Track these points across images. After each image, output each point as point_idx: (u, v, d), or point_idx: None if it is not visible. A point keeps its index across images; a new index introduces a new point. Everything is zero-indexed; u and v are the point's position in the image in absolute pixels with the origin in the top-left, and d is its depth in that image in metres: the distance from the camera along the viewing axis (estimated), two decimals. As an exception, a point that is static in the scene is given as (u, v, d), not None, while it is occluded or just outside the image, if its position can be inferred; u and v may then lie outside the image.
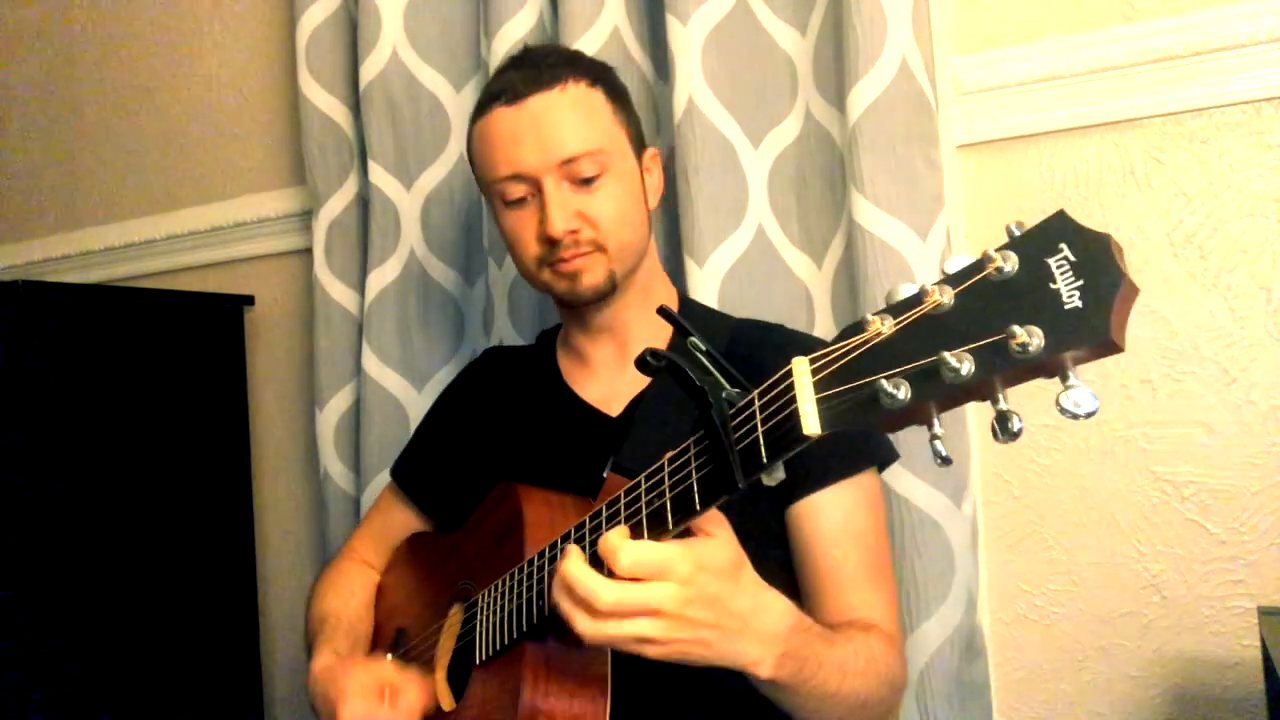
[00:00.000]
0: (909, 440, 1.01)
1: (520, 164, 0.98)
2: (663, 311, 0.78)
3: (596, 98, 1.01)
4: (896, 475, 1.16)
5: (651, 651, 0.71)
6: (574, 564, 0.72)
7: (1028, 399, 0.62)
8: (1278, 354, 1.14)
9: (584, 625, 0.71)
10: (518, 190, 1.00)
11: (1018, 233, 0.52)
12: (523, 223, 1.01)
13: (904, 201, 1.17)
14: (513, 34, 1.38)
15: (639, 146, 1.06)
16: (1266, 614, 0.99)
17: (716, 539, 0.72)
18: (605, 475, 0.92)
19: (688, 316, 1.06)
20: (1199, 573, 1.16)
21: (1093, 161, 1.21)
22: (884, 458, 1.02)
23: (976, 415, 1.23)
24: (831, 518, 0.95)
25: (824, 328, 1.27)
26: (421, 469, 1.21)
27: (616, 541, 0.70)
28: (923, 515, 1.17)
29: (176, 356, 1.67)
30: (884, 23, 1.15)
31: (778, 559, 0.97)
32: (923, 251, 1.16)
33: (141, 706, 1.55)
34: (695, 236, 1.25)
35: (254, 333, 1.83)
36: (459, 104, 1.53)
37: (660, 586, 0.69)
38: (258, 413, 1.83)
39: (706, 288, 1.24)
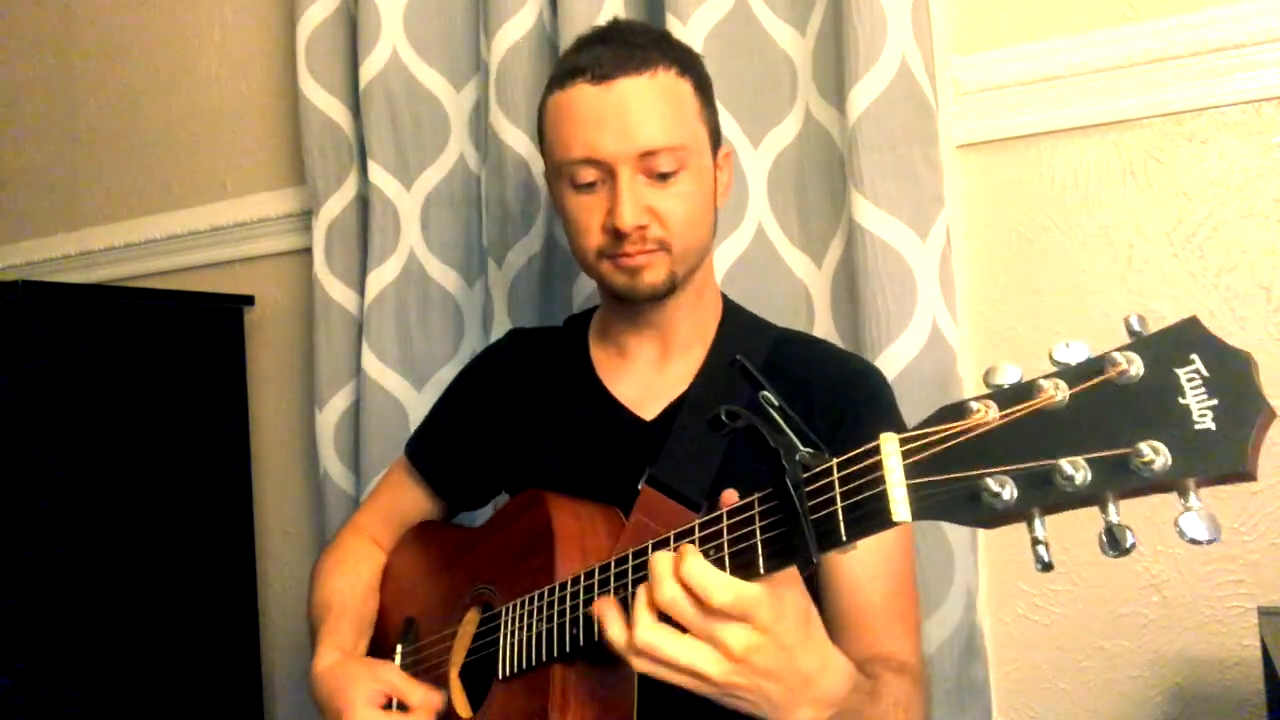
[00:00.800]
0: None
1: (599, 148, 0.92)
2: (737, 364, 0.76)
3: (685, 89, 0.96)
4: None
5: (705, 690, 0.67)
6: (659, 580, 0.67)
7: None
8: (1278, 354, 1.14)
9: (645, 631, 0.67)
10: (589, 174, 0.94)
11: (1139, 330, 0.49)
12: (589, 209, 0.95)
13: (904, 201, 1.17)
14: (513, 34, 1.38)
15: (716, 143, 1.01)
16: (1266, 614, 0.99)
17: (792, 589, 0.69)
18: (640, 488, 0.90)
19: (730, 322, 1.05)
20: (1199, 573, 1.16)
21: (1093, 161, 1.21)
22: None
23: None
24: (863, 551, 0.93)
25: (823, 328, 1.27)
26: (438, 450, 1.16)
27: (713, 574, 0.65)
28: (923, 515, 1.16)
29: (176, 356, 1.67)
30: (884, 23, 1.15)
31: (810, 587, 0.96)
32: (922, 251, 1.16)
33: (142, 706, 1.55)
34: (695, 236, 1.25)
35: (254, 333, 1.83)
36: (459, 104, 1.53)
37: (735, 627, 0.65)
38: (258, 413, 1.83)
39: (706, 288, 1.24)
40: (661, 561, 0.68)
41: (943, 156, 1.19)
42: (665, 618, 0.68)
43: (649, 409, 1.01)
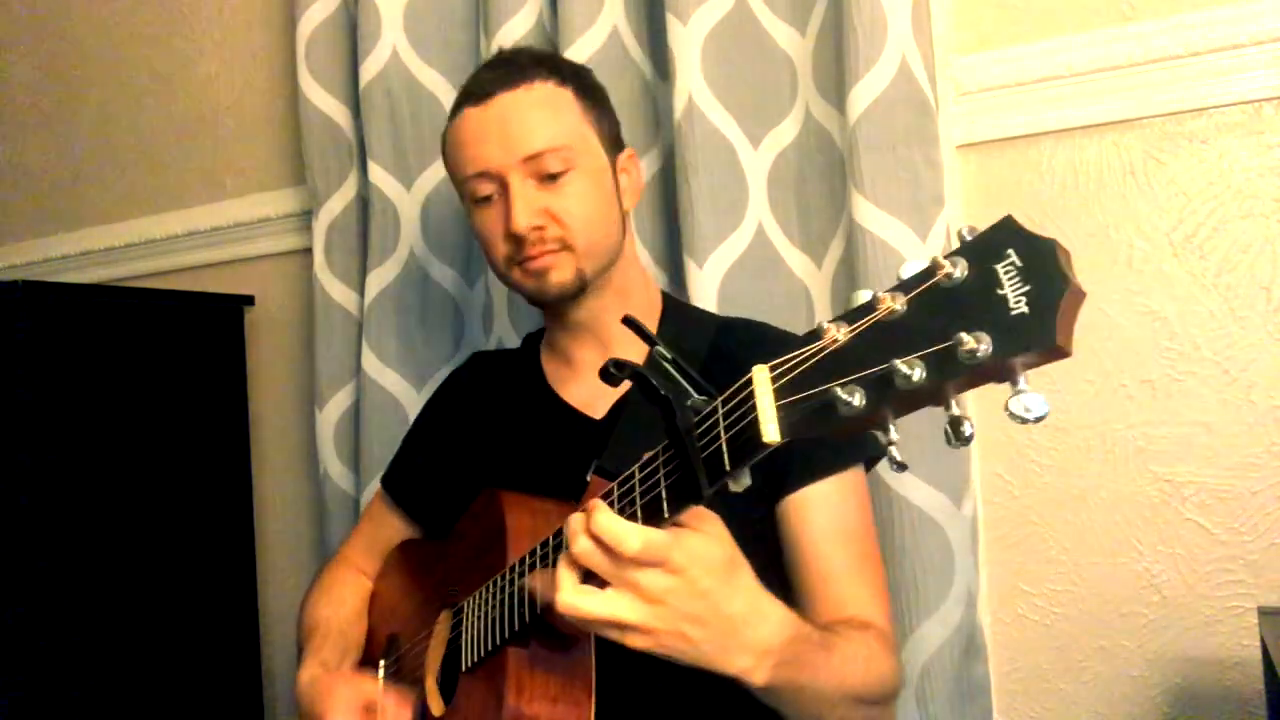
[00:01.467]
0: (908, 441, 1.00)
1: (485, 161, 0.98)
2: (627, 321, 0.78)
3: (564, 95, 1.01)
4: (897, 475, 1.16)
5: (634, 641, 0.69)
6: (601, 517, 0.69)
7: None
8: (1278, 354, 1.14)
9: (567, 594, 0.69)
10: (485, 188, 1.00)
11: (968, 238, 0.53)
12: (491, 221, 1.01)
13: (904, 201, 1.17)
14: (513, 34, 1.38)
15: (614, 146, 1.05)
16: (1266, 614, 0.99)
17: (707, 534, 0.71)
18: (588, 479, 0.92)
19: (670, 317, 1.07)
20: (1199, 573, 1.16)
21: (1093, 161, 1.21)
22: (870, 454, 1.01)
23: (975, 418, 1.23)
24: (820, 513, 0.95)
25: (824, 328, 1.26)
26: (409, 477, 1.21)
27: (624, 526, 0.67)
28: (923, 515, 1.17)
29: (176, 356, 1.67)
30: (884, 23, 1.15)
31: (768, 555, 0.97)
32: (922, 251, 1.16)
33: (141, 706, 1.55)
34: (695, 236, 1.25)
35: (254, 333, 1.83)
36: (459, 104, 1.53)
37: (647, 571, 0.68)
38: (258, 413, 1.83)
39: (706, 288, 1.24)
40: (574, 520, 0.70)
41: (943, 156, 1.19)
42: (589, 579, 0.70)
43: (599, 409, 1.04)
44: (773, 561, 0.97)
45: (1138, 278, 1.19)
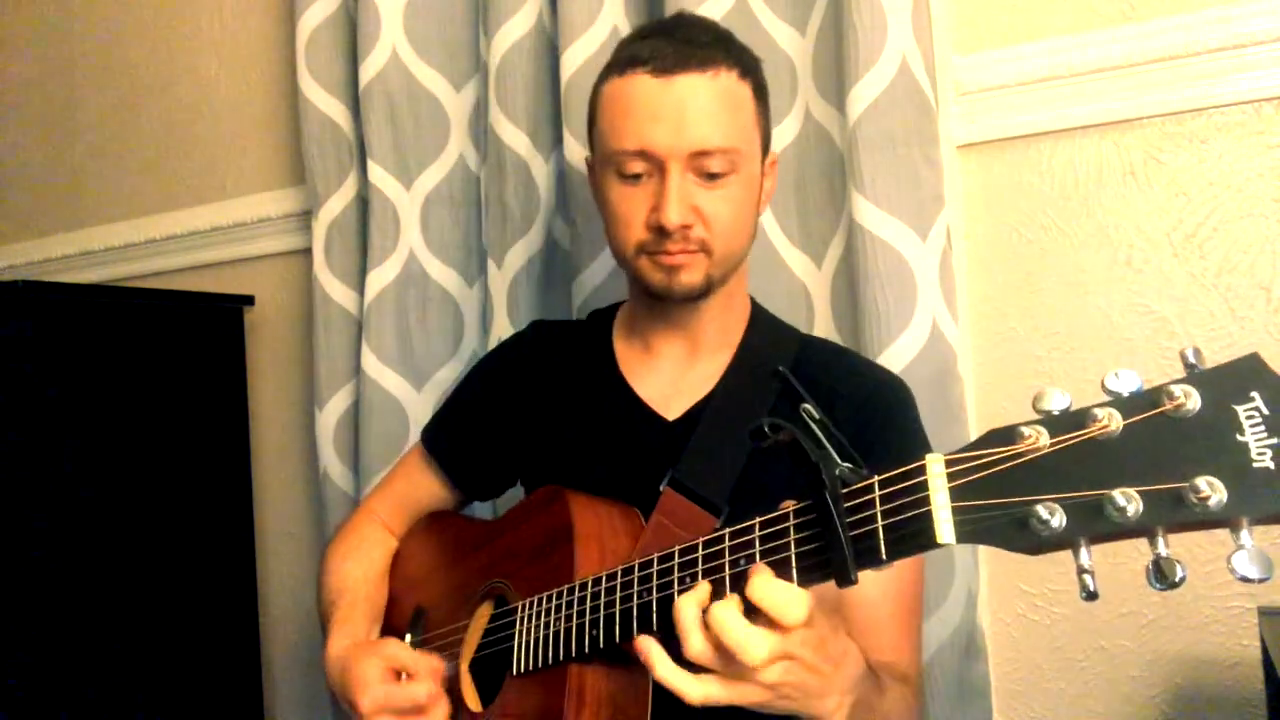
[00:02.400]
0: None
1: (652, 142, 0.90)
2: (778, 375, 0.76)
3: (744, 92, 0.94)
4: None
5: (753, 699, 0.67)
6: (728, 614, 0.65)
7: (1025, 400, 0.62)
8: (1278, 354, 1.13)
9: (695, 689, 0.66)
10: (638, 166, 0.92)
11: (1194, 363, 0.49)
12: (633, 201, 0.94)
13: (904, 201, 1.17)
14: (512, 34, 1.38)
15: (766, 149, 1.00)
16: (1266, 614, 0.99)
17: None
18: (661, 489, 0.90)
19: (757, 327, 1.04)
20: (1199, 573, 1.16)
21: (1093, 161, 1.21)
22: None
23: (976, 418, 1.23)
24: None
25: (823, 327, 1.27)
26: (457, 440, 1.15)
27: (788, 592, 0.64)
28: (923, 515, 1.16)
29: (176, 356, 1.67)
30: (884, 23, 1.15)
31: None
32: (922, 251, 1.16)
33: (142, 705, 1.55)
34: (695, 236, 1.25)
35: (254, 333, 1.83)
36: (459, 104, 1.53)
37: (790, 635, 0.65)
38: (258, 413, 1.83)
39: (706, 288, 1.24)
40: (726, 612, 0.66)
41: (943, 156, 1.19)
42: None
43: (672, 409, 1.00)
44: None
45: (1138, 278, 1.19)
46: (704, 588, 0.69)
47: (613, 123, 0.94)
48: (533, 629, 0.87)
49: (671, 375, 1.02)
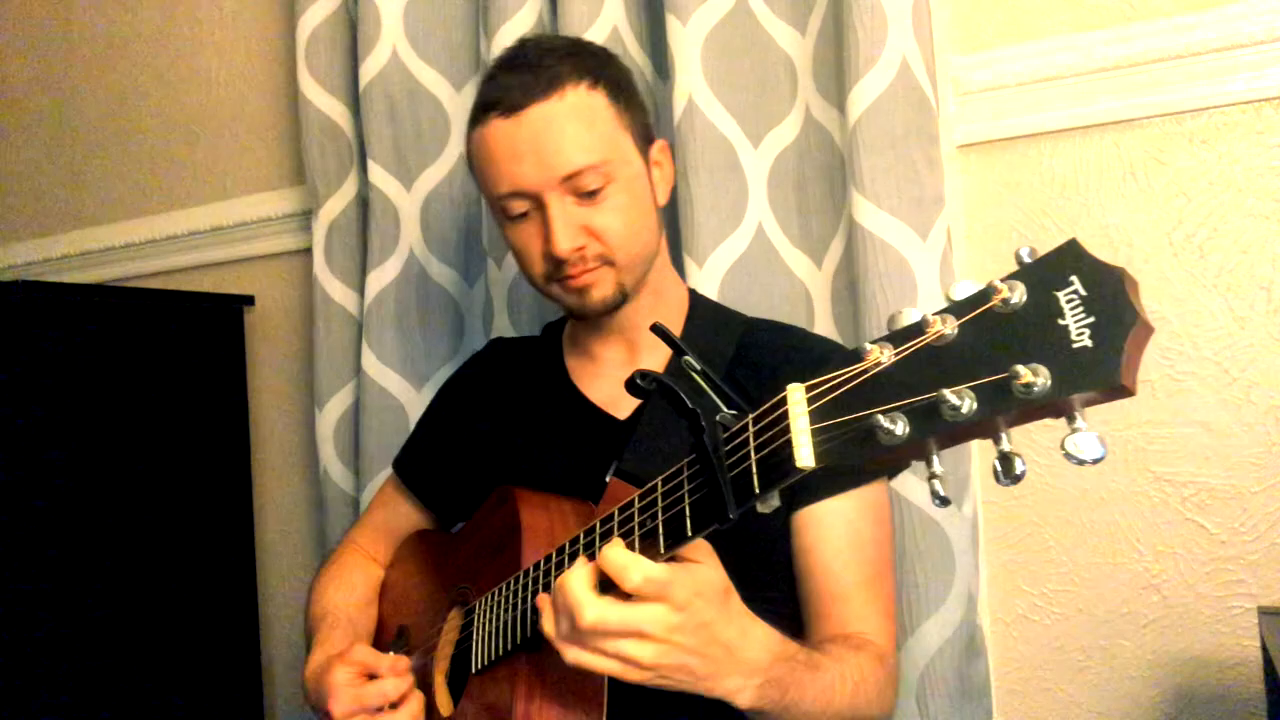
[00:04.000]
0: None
1: (521, 181, 0.94)
2: (656, 329, 0.77)
3: (598, 101, 0.96)
4: (897, 475, 1.16)
5: (633, 676, 0.70)
6: (570, 577, 0.70)
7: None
8: (1278, 354, 1.14)
9: (565, 646, 0.70)
10: (520, 206, 0.96)
11: (1027, 260, 0.49)
12: (527, 237, 0.97)
13: (904, 201, 1.17)
14: (513, 34, 1.37)
15: (645, 143, 1.01)
16: (1266, 614, 0.99)
17: (707, 565, 0.71)
18: (608, 480, 0.91)
19: (697, 316, 1.06)
20: (1199, 573, 1.16)
21: (1093, 161, 1.21)
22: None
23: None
24: (835, 528, 0.94)
25: (823, 327, 1.27)
26: (423, 463, 1.19)
27: (625, 558, 0.68)
28: (923, 515, 1.17)
29: (176, 356, 1.67)
30: (884, 23, 1.15)
31: (779, 564, 0.97)
32: (923, 251, 1.16)
33: (142, 706, 1.55)
34: (695, 236, 1.25)
35: (254, 333, 1.83)
36: (459, 104, 1.53)
37: (652, 608, 0.68)
38: (258, 413, 1.83)
39: (706, 288, 1.24)
40: (573, 582, 0.70)
41: (943, 156, 1.19)
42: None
43: (622, 409, 1.02)
44: (783, 569, 0.97)
45: (1137, 277, 1.18)
46: (620, 544, 0.71)
47: (483, 172, 0.98)
48: (485, 624, 0.89)
49: (616, 378, 1.04)
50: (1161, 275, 1.18)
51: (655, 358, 1.03)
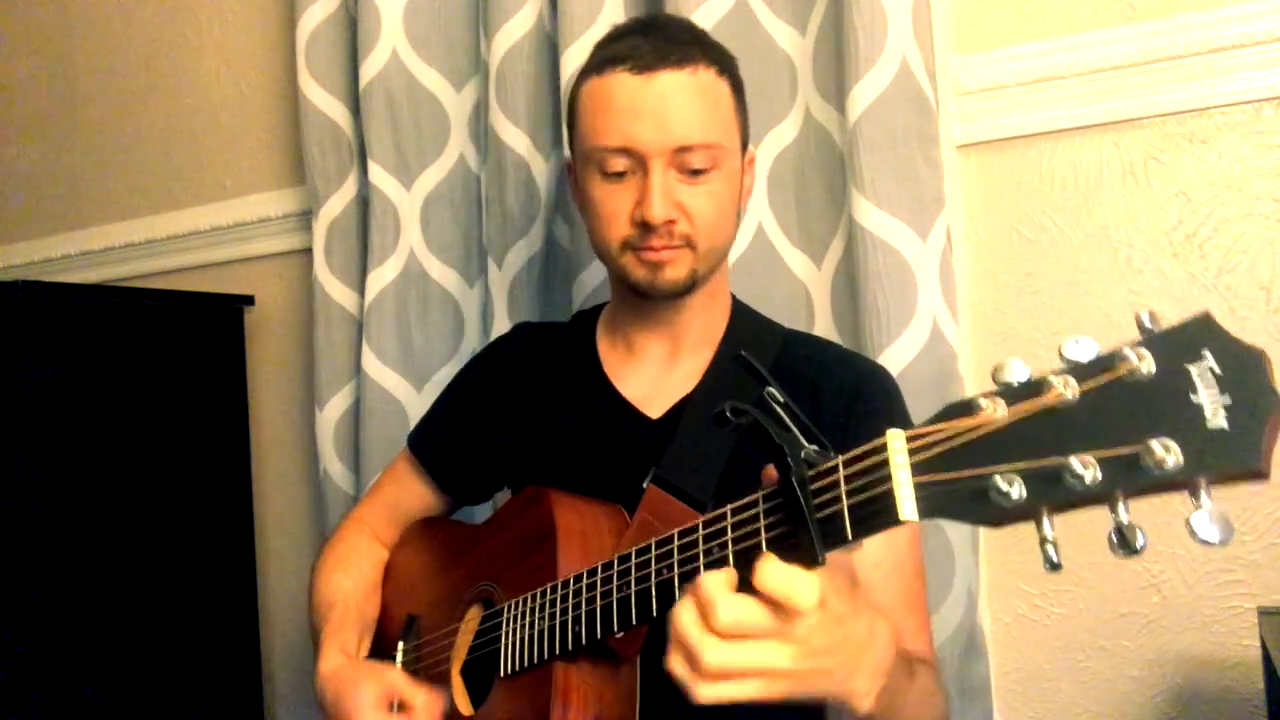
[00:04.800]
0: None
1: (635, 139, 0.91)
2: (741, 360, 0.73)
3: (723, 89, 0.95)
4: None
5: (775, 689, 0.63)
6: (685, 617, 0.63)
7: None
8: (1278, 354, 1.13)
9: (713, 651, 0.62)
10: (620, 164, 0.93)
11: (1150, 327, 0.48)
12: (617, 198, 0.94)
13: (904, 201, 1.17)
14: (512, 34, 1.38)
15: (745, 146, 1.01)
16: (1266, 614, 0.99)
17: (836, 557, 0.65)
18: (645, 486, 0.90)
19: (739, 323, 1.04)
20: (1199, 573, 1.16)
21: (1093, 161, 1.21)
22: None
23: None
24: (873, 544, 0.91)
25: (823, 327, 1.27)
26: (442, 444, 1.15)
27: (715, 592, 0.62)
28: (923, 515, 1.16)
29: (176, 356, 1.67)
30: (884, 23, 1.15)
31: None
32: (922, 251, 1.16)
33: (142, 706, 1.55)
34: (695, 236, 1.25)
35: (254, 333, 1.83)
36: (459, 104, 1.53)
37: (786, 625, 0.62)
38: (258, 413, 1.83)
39: (706, 288, 1.24)
40: (712, 585, 0.63)
41: (943, 156, 1.19)
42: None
43: (655, 408, 1.00)
44: None
45: (1138, 278, 1.19)
46: (723, 576, 0.65)
47: (594, 121, 0.95)
48: (518, 629, 0.87)
49: (654, 374, 1.03)
50: (1161, 275, 1.18)
51: (698, 359, 1.01)
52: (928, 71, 1.17)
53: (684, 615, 0.64)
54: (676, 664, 0.64)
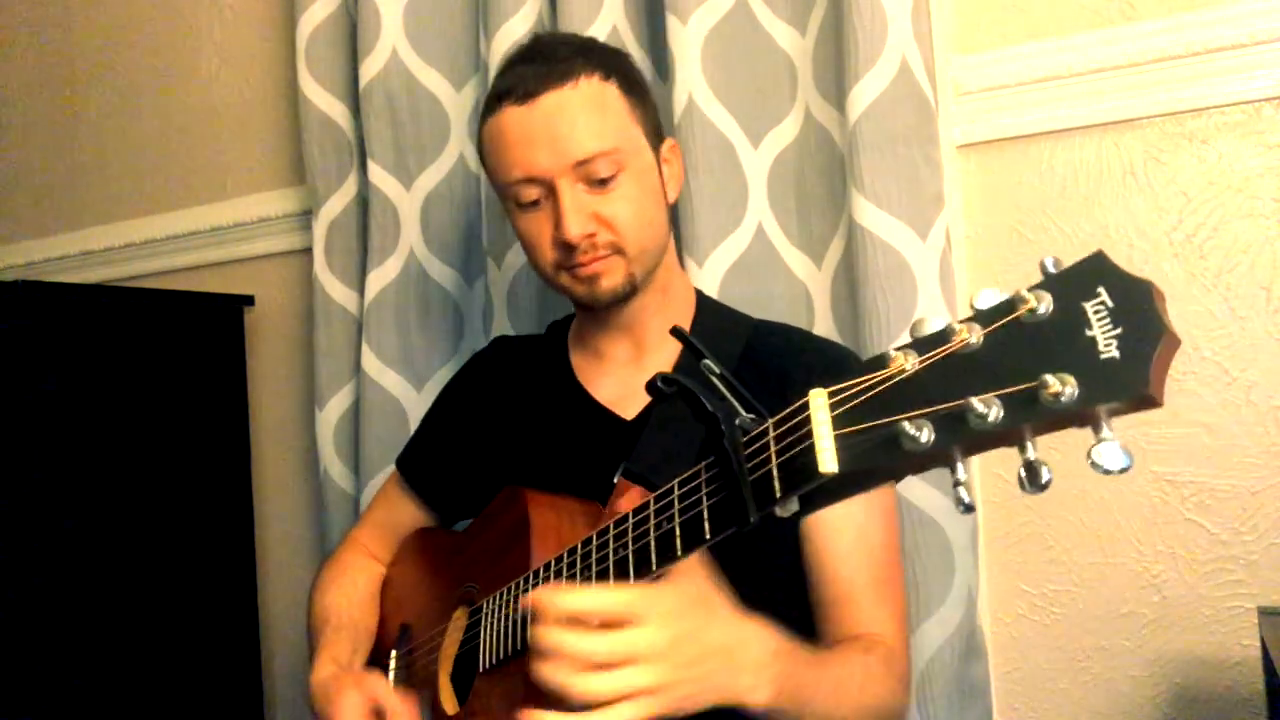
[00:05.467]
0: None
1: (533, 166, 0.95)
2: (675, 332, 0.77)
3: (611, 92, 0.97)
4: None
5: (651, 708, 0.69)
6: (542, 629, 0.71)
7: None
8: (1278, 354, 1.14)
9: (570, 685, 0.69)
10: (531, 193, 0.96)
11: (1053, 270, 0.50)
12: (538, 226, 0.98)
13: (904, 201, 1.17)
14: (512, 34, 1.38)
15: (656, 139, 1.02)
16: (1266, 614, 0.99)
17: (684, 578, 0.72)
18: (616, 480, 0.91)
19: (704, 317, 1.06)
20: (1199, 573, 1.16)
21: (1093, 161, 1.21)
22: None
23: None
24: (845, 533, 0.94)
25: (823, 327, 1.27)
26: (427, 462, 1.18)
27: (582, 595, 0.70)
28: (923, 515, 1.17)
29: (176, 356, 1.67)
30: (884, 23, 1.15)
31: (787, 566, 0.96)
32: (922, 251, 1.16)
33: (142, 706, 1.55)
34: (695, 236, 1.25)
35: (254, 333, 1.83)
36: (459, 104, 1.53)
37: (634, 631, 0.69)
38: (258, 413, 1.83)
39: (706, 287, 1.24)
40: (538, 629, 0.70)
41: (943, 156, 1.19)
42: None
43: (629, 409, 1.02)
44: (792, 571, 0.97)
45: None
46: (553, 586, 0.74)
47: (496, 160, 0.99)
48: (494, 623, 0.89)
49: (623, 377, 1.05)
50: (1161, 275, 1.18)
51: (663, 356, 1.03)
52: (928, 71, 1.17)
53: (538, 666, 0.70)
54: (544, 669, 0.70)
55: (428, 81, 1.51)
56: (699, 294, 1.10)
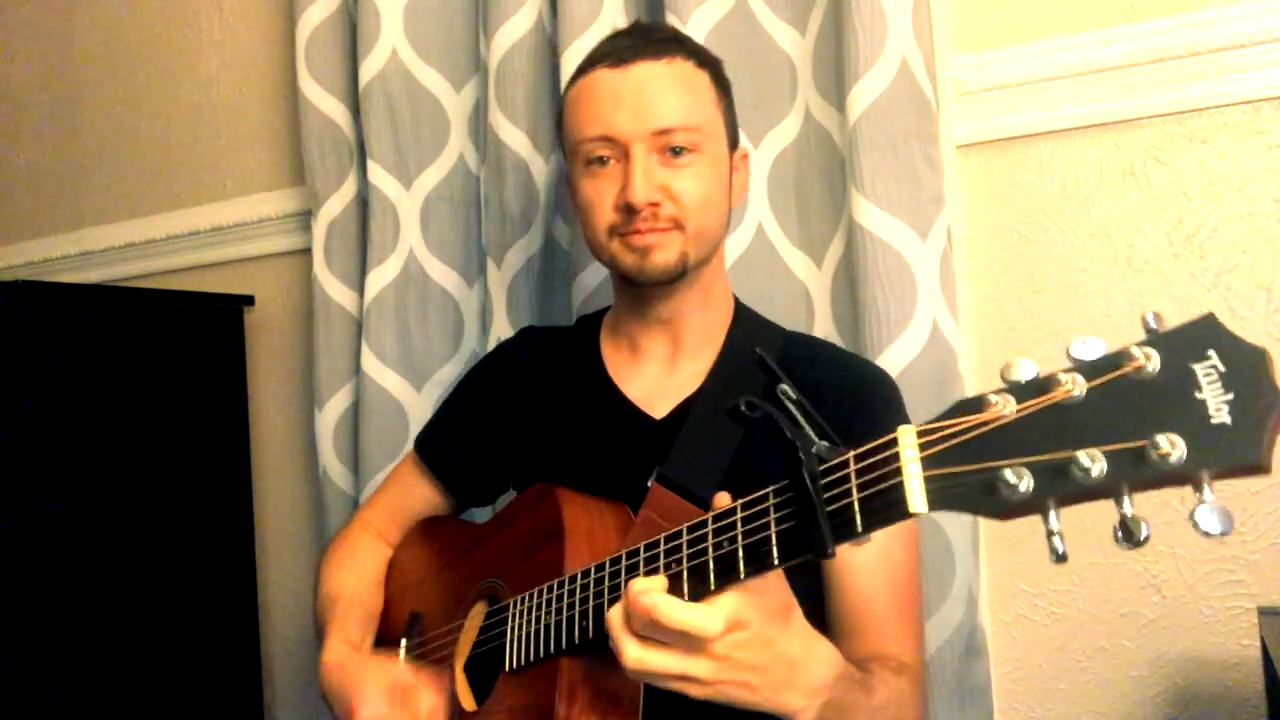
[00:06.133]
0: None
1: (612, 126, 0.94)
2: (756, 357, 0.76)
3: (702, 78, 0.98)
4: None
5: (695, 691, 0.70)
6: (613, 614, 0.71)
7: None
8: (1278, 354, 1.13)
9: (633, 650, 0.69)
10: (603, 150, 0.95)
11: (1155, 327, 0.50)
12: (601, 186, 0.96)
13: (904, 201, 1.17)
14: (512, 34, 1.38)
15: (733, 141, 1.03)
16: (1266, 614, 0.99)
17: (773, 586, 0.71)
18: (649, 485, 0.91)
19: (740, 325, 1.05)
20: (1199, 573, 1.16)
21: (1093, 161, 1.21)
22: None
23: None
24: (867, 553, 0.92)
25: (823, 328, 1.27)
26: (448, 446, 1.16)
27: (699, 617, 0.67)
28: (923, 515, 1.16)
29: (176, 356, 1.67)
30: (884, 23, 1.15)
31: (804, 587, 0.96)
32: (923, 251, 1.16)
33: (142, 706, 1.55)
34: (695, 236, 1.25)
35: (254, 333, 1.83)
36: (459, 104, 1.53)
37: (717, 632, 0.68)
38: (258, 413, 1.83)
39: (706, 288, 1.24)
40: (640, 597, 0.69)
41: (943, 156, 1.19)
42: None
43: (659, 408, 1.01)
44: (808, 591, 0.95)
45: (1138, 278, 1.19)
46: (657, 581, 0.71)
47: (576, 117, 0.98)
48: (523, 624, 0.88)
49: (657, 375, 1.03)
50: (1161, 275, 1.18)
51: (698, 360, 1.02)
52: (928, 71, 1.17)
53: (612, 612, 0.72)
54: (617, 627, 0.71)
55: (427, 82, 1.51)
56: (738, 302, 1.08)
